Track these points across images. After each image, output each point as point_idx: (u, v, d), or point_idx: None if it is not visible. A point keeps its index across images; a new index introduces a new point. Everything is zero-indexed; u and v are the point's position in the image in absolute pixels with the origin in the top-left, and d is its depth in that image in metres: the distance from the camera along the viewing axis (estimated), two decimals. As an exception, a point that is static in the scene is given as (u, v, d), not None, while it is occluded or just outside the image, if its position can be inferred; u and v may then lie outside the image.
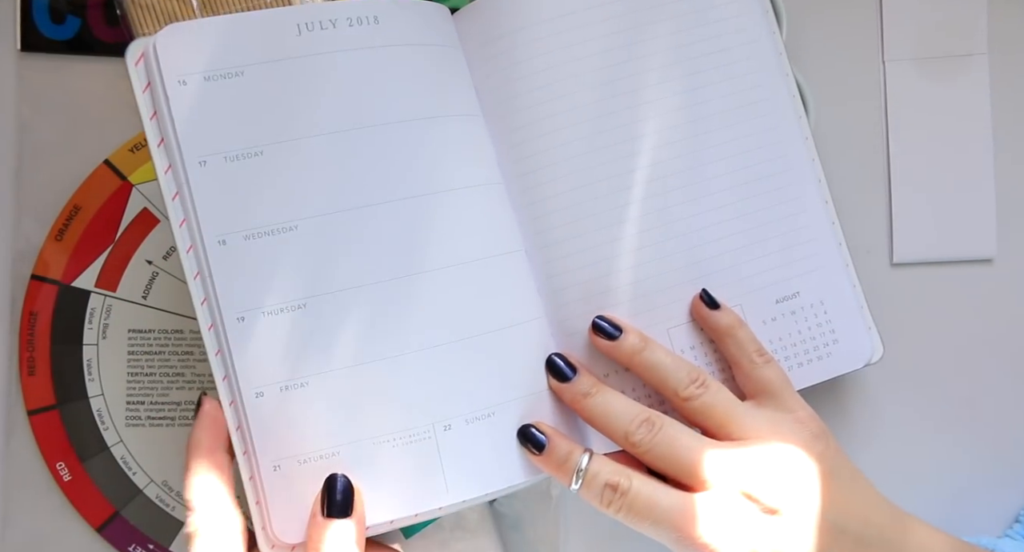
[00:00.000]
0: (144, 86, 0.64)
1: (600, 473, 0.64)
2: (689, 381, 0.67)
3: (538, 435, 0.66)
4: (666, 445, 0.65)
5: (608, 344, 0.69)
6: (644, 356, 0.68)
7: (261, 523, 0.62)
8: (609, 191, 0.70)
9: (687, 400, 0.67)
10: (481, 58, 0.71)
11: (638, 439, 0.65)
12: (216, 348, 0.63)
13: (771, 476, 0.64)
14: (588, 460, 0.65)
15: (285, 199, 0.63)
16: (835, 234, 0.73)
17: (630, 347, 0.68)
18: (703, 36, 0.72)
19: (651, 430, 0.65)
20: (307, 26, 0.65)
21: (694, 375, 0.67)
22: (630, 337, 0.68)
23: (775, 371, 0.69)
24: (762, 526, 0.63)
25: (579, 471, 0.65)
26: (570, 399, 0.68)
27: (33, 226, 0.80)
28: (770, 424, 0.67)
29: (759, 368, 0.69)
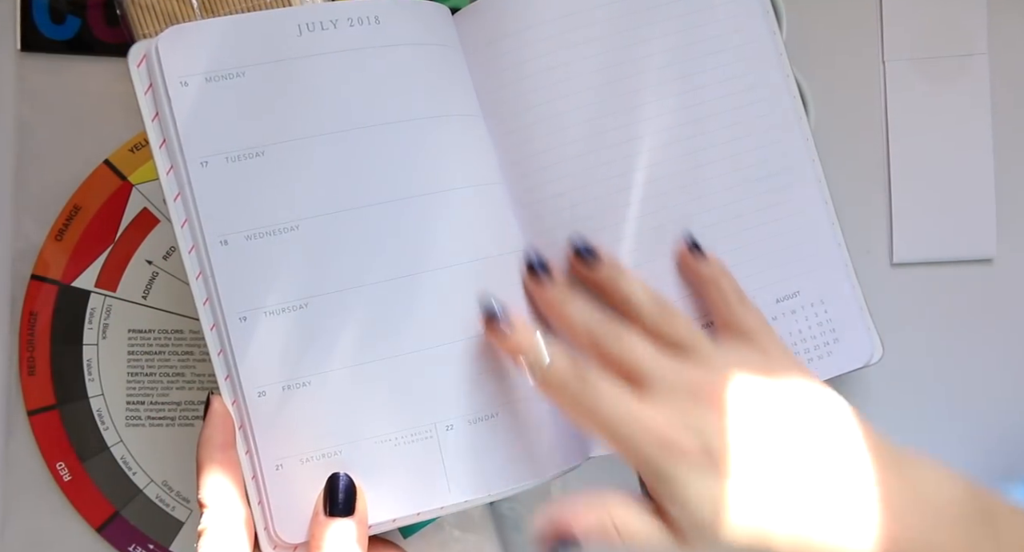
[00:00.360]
0: (146, 88, 0.64)
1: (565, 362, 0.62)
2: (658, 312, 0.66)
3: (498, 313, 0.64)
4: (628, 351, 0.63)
5: (585, 269, 0.68)
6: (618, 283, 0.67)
7: (263, 523, 0.62)
8: (609, 191, 0.70)
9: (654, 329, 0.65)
10: (482, 58, 0.71)
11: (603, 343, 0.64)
12: (218, 348, 0.63)
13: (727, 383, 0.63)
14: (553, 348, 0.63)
15: (286, 199, 0.64)
16: (835, 234, 0.73)
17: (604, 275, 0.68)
18: (703, 36, 0.72)
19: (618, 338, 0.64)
20: (308, 26, 0.65)
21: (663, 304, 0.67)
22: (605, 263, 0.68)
23: (754, 317, 0.68)
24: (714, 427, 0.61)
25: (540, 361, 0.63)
26: (544, 302, 0.68)
27: (33, 226, 0.80)
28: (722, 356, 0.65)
29: (739, 313, 0.68)
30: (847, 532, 0.59)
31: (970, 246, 0.82)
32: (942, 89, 0.82)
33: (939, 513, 0.61)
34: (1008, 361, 0.82)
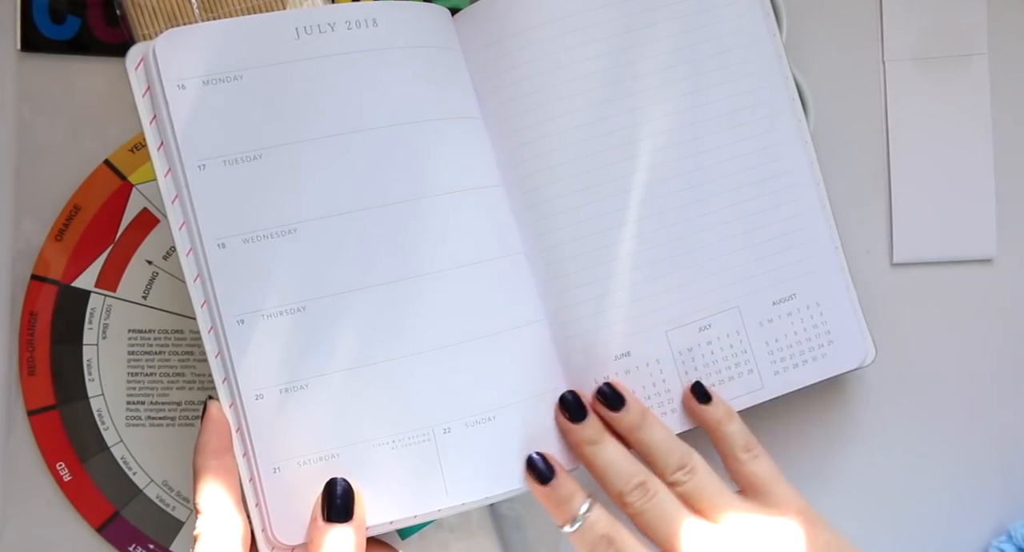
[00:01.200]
0: (144, 90, 0.64)
1: (598, 523, 0.65)
2: (677, 467, 0.67)
3: (544, 470, 0.66)
4: (655, 514, 0.65)
5: (609, 414, 0.69)
6: (640, 434, 0.68)
7: (261, 525, 0.62)
8: (609, 193, 0.70)
9: (673, 485, 0.67)
10: (481, 60, 0.71)
11: (631, 501, 0.66)
12: (216, 350, 0.63)
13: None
14: (588, 508, 0.65)
15: (284, 202, 0.63)
16: (832, 237, 0.73)
17: (629, 423, 0.69)
18: (703, 38, 0.72)
19: (644, 496, 0.66)
20: (305, 30, 0.65)
21: (683, 461, 0.67)
22: (633, 412, 0.69)
23: (763, 466, 0.69)
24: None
25: (576, 517, 0.65)
26: (574, 443, 0.68)
27: (33, 226, 0.80)
28: (748, 522, 0.66)
29: (746, 464, 0.69)
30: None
31: (970, 246, 0.82)
32: (942, 89, 0.82)
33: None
34: (1008, 361, 0.81)
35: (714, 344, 0.72)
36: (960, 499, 0.81)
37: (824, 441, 0.80)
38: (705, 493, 0.67)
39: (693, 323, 0.71)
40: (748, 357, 0.72)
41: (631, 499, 0.66)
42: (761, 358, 0.73)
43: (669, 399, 0.71)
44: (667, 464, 0.67)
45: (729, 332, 0.72)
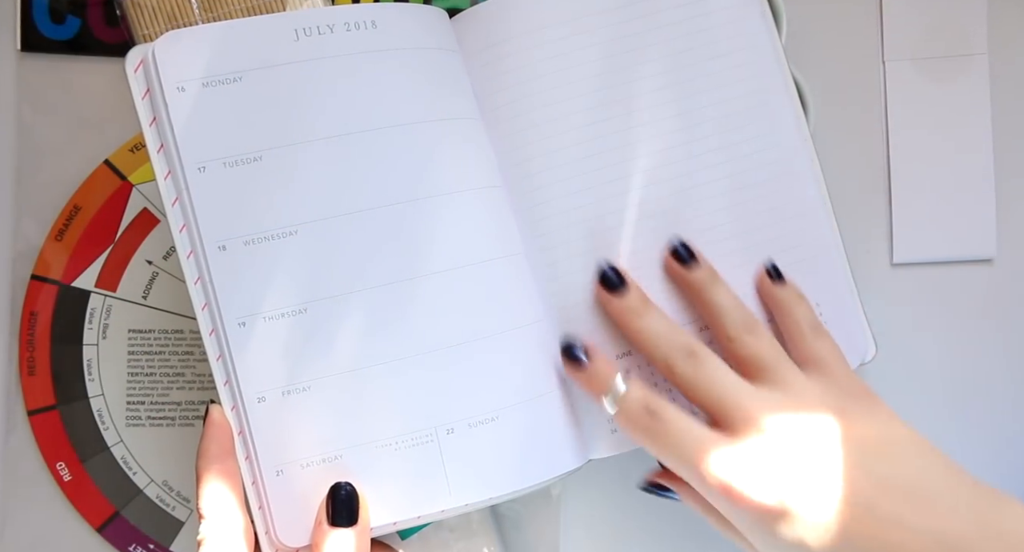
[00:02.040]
0: (143, 92, 0.64)
1: (639, 397, 0.64)
2: (744, 327, 0.67)
3: (579, 354, 0.67)
4: (706, 381, 0.64)
5: (680, 268, 0.69)
6: (711, 292, 0.68)
7: (264, 528, 0.62)
8: (608, 194, 0.70)
9: (734, 343, 0.66)
10: (480, 62, 0.71)
11: (680, 370, 0.65)
12: (217, 353, 0.63)
13: (807, 425, 0.63)
14: (627, 384, 0.65)
15: (284, 204, 0.63)
16: (833, 236, 0.73)
17: (700, 278, 0.69)
18: (702, 41, 0.72)
19: (694, 363, 0.65)
20: (305, 31, 0.65)
21: (751, 323, 0.67)
22: (704, 268, 0.69)
23: (828, 346, 0.68)
24: (793, 474, 0.61)
25: (616, 393, 0.65)
26: (617, 313, 0.68)
27: (33, 226, 0.80)
28: (808, 381, 0.65)
29: (811, 342, 0.68)
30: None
31: (970, 246, 0.82)
32: (942, 89, 0.82)
33: None
34: (1008, 361, 0.82)
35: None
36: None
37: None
38: (767, 358, 0.66)
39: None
40: (748, 354, 0.72)
41: (681, 368, 0.65)
42: None
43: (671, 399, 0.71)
44: (734, 323, 0.67)
45: (730, 331, 0.72)
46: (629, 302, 0.68)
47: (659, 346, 0.66)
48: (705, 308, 0.68)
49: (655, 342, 0.66)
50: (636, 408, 0.64)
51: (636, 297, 0.68)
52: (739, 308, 0.68)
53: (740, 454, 0.61)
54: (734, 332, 0.67)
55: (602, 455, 0.70)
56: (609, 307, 0.69)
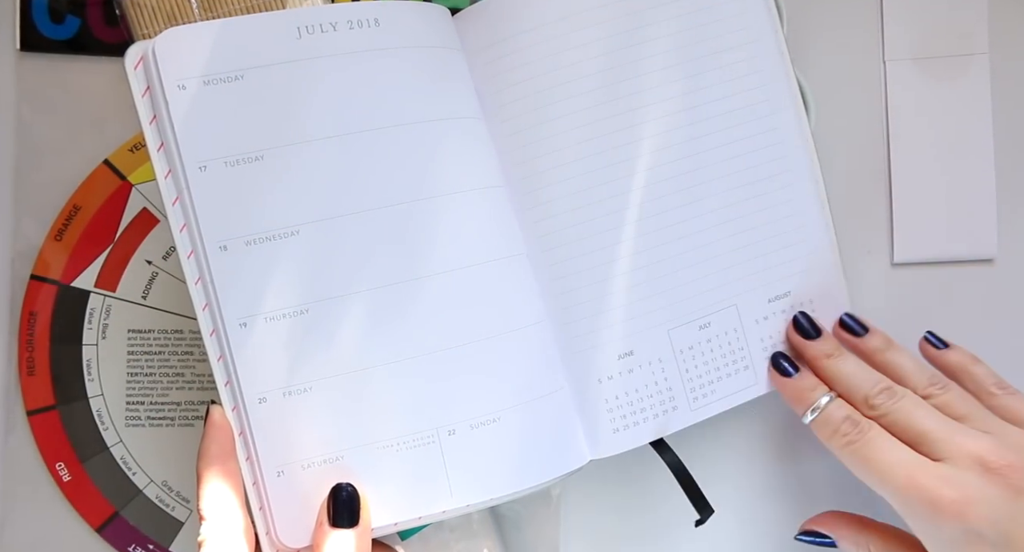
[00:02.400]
0: (143, 90, 0.64)
1: (842, 408, 0.68)
2: (929, 383, 0.69)
3: (788, 367, 0.72)
4: (905, 412, 0.67)
5: (853, 339, 0.73)
6: (887, 355, 0.71)
7: (265, 528, 0.62)
8: (610, 193, 0.70)
9: (927, 398, 0.68)
10: (483, 60, 0.71)
11: (879, 402, 0.67)
12: (218, 354, 0.63)
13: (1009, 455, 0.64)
14: (831, 398, 0.69)
15: (286, 204, 0.63)
16: (829, 235, 0.74)
17: (874, 345, 0.72)
18: (705, 36, 0.72)
19: (891, 397, 0.67)
20: (307, 29, 0.65)
21: (936, 378, 0.69)
22: (877, 337, 0.72)
23: (1019, 399, 0.69)
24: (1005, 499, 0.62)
25: (818, 405, 0.69)
26: (812, 357, 0.72)
27: (33, 226, 0.80)
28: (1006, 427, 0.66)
29: (1001, 398, 0.69)
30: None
31: (970, 246, 0.82)
32: (942, 89, 0.82)
33: None
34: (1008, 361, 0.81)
35: (713, 342, 0.72)
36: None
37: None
38: (960, 405, 0.68)
39: (694, 321, 0.71)
40: (745, 354, 0.73)
41: (878, 401, 0.67)
42: (757, 355, 0.73)
43: (671, 397, 0.71)
44: (919, 381, 0.69)
45: (727, 330, 0.72)
46: (824, 347, 0.72)
47: (859, 384, 0.69)
48: (886, 370, 0.70)
49: (852, 381, 0.69)
50: (839, 416, 0.68)
51: (830, 343, 0.72)
52: (923, 368, 0.70)
53: (954, 474, 0.63)
54: (923, 388, 0.69)
55: (602, 455, 0.70)
56: (804, 350, 0.72)
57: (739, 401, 0.73)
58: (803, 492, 0.80)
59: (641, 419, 0.70)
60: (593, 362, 0.70)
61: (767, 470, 0.81)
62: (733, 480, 0.80)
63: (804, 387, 0.70)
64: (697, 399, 0.72)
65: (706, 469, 0.77)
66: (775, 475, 0.80)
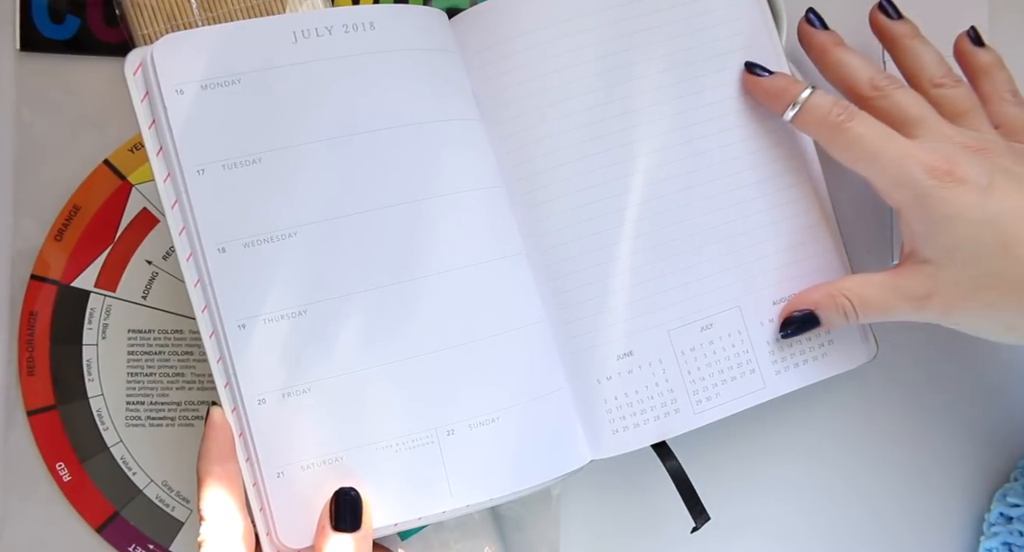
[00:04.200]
0: (142, 95, 0.64)
1: (827, 97, 0.68)
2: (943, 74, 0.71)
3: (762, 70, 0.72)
4: (902, 98, 0.68)
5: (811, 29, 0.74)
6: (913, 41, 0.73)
7: (266, 529, 0.62)
8: (609, 194, 0.70)
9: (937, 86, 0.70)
10: (480, 62, 0.71)
11: (881, 84, 0.69)
12: (217, 355, 0.63)
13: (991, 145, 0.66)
14: (812, 91, 0.69)
15: (284, 206, 0.63)
16: (834, 235, 0.73)
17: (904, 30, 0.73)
18: (700, 40, 0.72)
19: (892, 83, 0.69)
20: (303, 33, 0.65)
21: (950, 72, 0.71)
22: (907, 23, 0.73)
23: None
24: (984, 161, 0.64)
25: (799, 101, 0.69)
26: (818, 45, 0.72)
27: (33, 226, 0.80)
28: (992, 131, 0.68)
29: (1011, 106, 0.70)
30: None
31: (970, 246, 0.82)
32: (943, 89, 0.82)
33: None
34: (1008, 361, 0.81)
35: (716, 344, 0.72)
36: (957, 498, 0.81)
37: (826, 440, 0.80)
38: (964, 101, 0.69)
39: (695, 322, 0.71)
40: (750, 357, 0.72)
41: (883, 83, 0.69)
42: (763, 358, 0.72)
43: (672, 399, 0.71)
44: (934, 73, 0.70)
45: (731, 332, 0.72)
46: (831, 37, 0.72)
47: (864, 69, 0.70)
48: (909, 57, 0.72)
49: (855, 66, 0.70)
50: (827, 102, 0.68)
51: (835, 34, 0.73)
52: (942, 62, 0.71)
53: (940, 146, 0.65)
54: (937, 78, 0.70)
55: (602, 456, 0.70)
56: (811, 37, 0.73)
57: (745, 405, 0.72)
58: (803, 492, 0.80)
59: (642, 421, 0.70)
60: (592, 362, 0.70)
61: (767, 471, 0.81)
62: (733, 480, 0.80)
63: (784, 84, 0.70)
64: (700, 402, 0.71)
65: (708, 470, 0.77)
66: (775, 476, 0.80)
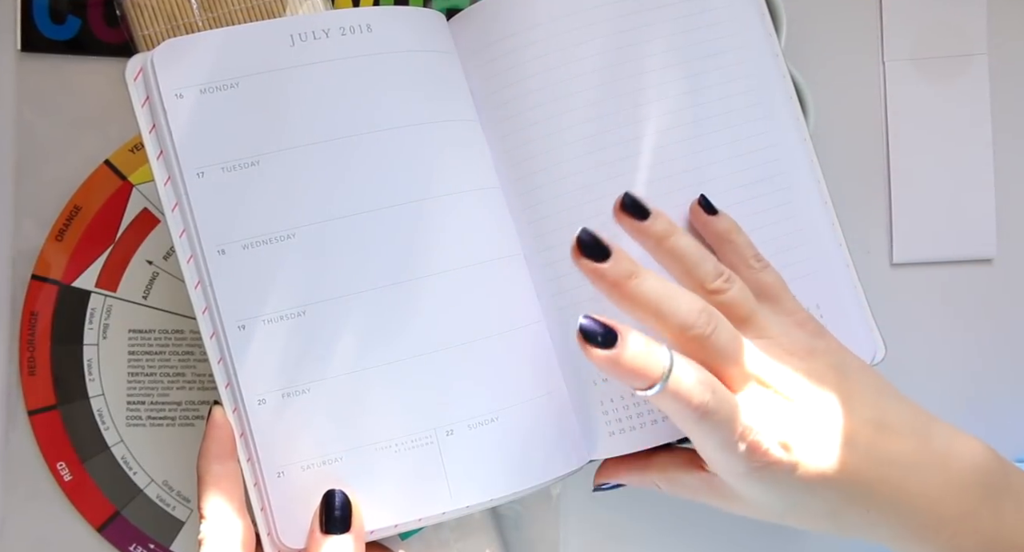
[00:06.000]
0: (143, 100, 0.64)
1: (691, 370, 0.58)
2: (716, 274, 0.63)
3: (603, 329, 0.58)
4: (725, 338, 0.60)
5: (637, 223, 0.63)
6: (673, 240, 0.63)
7: (266, 529, 0.63)
8: (607, 194, 0.70)
9: (715, 292, 0.62)
10: (477, 63, 0.71)
11: (699, 331, 0.59)
12: (218, 356, 0.63)
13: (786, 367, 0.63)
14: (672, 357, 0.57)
15: (282, 208, 0.64)
16: (834, 235, 0.73)
17: (661, 229, 0.63)
18: (699, 39, 0.72)
19: (710, 321, 0.59)
20: (300, 36, 0.65)
21: (720, 268, 0.64)
22: (661, 220, 0.64)
23: (773, 275, 0.68)
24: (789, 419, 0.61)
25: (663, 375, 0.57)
26: (610, 284, 0.59)
27: (33, 226, 0.80)
28: (778, 325, 0.65)
29: (758, 272, 0.67)
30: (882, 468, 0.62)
31: (970, 246, 0.82)
32: (942, 89, 0.82)
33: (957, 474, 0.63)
34: (1008, 361, 0.82)
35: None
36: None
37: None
38: (742, 302, 0.63)
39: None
40: (751, 358, 0.72)
41: (699, 330, 0.59)
42: None
43: None
44: (706, 272, 0.63)
45: (731, 332, 0.72)
46: (620, 267, 0.59)
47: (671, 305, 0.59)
48: (673, 258, 0.64)
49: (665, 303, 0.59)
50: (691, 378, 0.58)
51: (625, 260, 0.60)
52: (704, 252, 0.64)
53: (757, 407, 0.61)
54: (711, 282, 0.63)
55: (602, 456, 0.70)
56: (598, 277, 0.60)
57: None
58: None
59: (638, 424, 0.70)
60: (589, 364, 0.70)
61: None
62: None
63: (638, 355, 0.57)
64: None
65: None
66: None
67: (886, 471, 0.62)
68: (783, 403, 0.61)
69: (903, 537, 0.63)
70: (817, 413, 0.62)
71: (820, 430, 0.61)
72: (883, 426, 0.63)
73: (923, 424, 0.65)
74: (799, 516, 0.63)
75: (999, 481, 0.65)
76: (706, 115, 0.71)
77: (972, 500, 0.63)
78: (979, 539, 0.63)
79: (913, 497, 0.62)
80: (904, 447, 0.63)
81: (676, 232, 0.64)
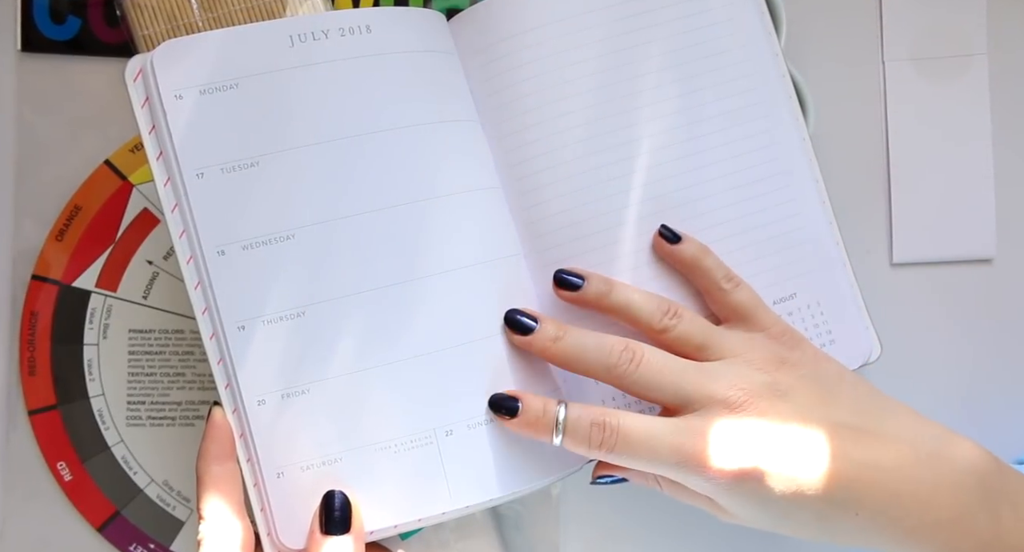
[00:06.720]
0: (142, 101, 0.64)
1: (582, 416, 0.63)
2: (661, 313, 0.66)
3: (508, 400, 0.65)
4: (652, 371, 0.64)
5: (573, 294, 0.68)
6: (612, 297, 0.67)
7: (266, 529, 0.63)
8: (607, 194, 0.70)
9: (663, 332, 0.66)
10: (477, 63, 0.71)
11: (622, 370, 0.64)
12: (218, 357, 0.63)
13: (746, 383, 0.64)
14: (566, 409, 0.63)
15: (282, 208, 0.64)
16: (832, 234, 0.73)
17: (596, 292, 0.67)
18: (698, 39, 0.72)
19: (633, 358, 0.64)
20: (299, 37, 0.65)
21: (664, 306, 0.66)
22: (594, 282, 0.67)
23: (745, 293, 0.68)
24: (750, 434, 0.63)
25: (558, 422, 0.63)
26: (540, 349, 0.66)
27: (34, 226, 0.80)
28: (744, 342, 0.66)
29: (729, 294, 0.68)
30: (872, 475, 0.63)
31: (970, 246, 0.82)
32: (942, 89, 0.82)
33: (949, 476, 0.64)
34: (1008, 361, 0.82)
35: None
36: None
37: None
38: (695, 333, 0.66)
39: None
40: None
41: (621, 369, 0.64)
42: None
43: None
44: (651, 314, 0.66)
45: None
46: (545, 333, 0.66)
47: (592, 353, 0.65)
48: (619, 313, 0.68)
49: (586, 353, 0.65)
50: (584, 427, 0.63)
51: (549, 325, 0.66)
52: (649, 298, 0.67)
53: (703, 428, 0.63)
54: (658, 322, 0.66)
55: (599, 457, 0.70)
56: (530, 347, 0.66)
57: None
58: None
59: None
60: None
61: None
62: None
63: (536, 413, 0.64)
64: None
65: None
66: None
67: (870, 475, 0.63)
68: (740, 419, 0.63)
69: (898, 540, 0.64)
70: (781, 424, 0.63)
71: (785, 440, 0.63)
72: (864, 431, 0.64)
73: (910, 427, 0.66)
74: (789, 526, 0.65)
75: (995, 483, 0.65)
76: (705, 115, 0.71)
77: (967, 502, 0.64)
78: (976, 542, 0.64)
79: (903, 499, 0.63)
80: (889, 450, 0.64)
81: (612, 289, 0.67)
